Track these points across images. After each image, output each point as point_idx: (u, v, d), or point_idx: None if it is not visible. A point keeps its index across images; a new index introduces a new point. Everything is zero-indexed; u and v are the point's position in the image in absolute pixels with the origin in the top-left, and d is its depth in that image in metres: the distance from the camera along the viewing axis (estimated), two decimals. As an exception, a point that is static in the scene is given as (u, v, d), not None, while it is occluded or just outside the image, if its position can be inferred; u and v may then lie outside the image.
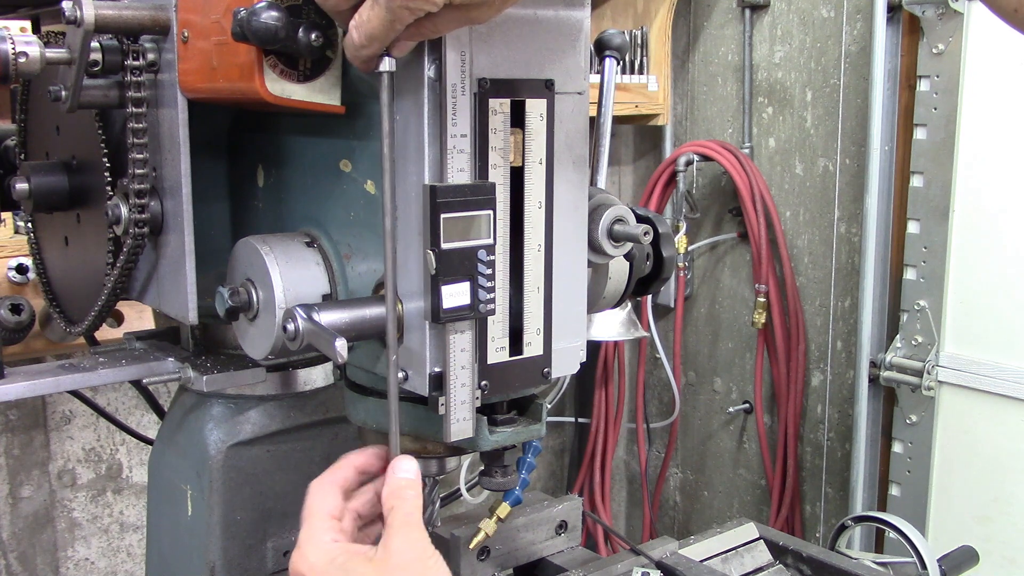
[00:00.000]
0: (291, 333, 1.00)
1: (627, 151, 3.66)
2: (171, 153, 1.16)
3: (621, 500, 3.89)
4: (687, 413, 3.58)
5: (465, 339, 1.00)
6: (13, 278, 2.12)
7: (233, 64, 1.01)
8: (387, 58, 0.92)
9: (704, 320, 3.48)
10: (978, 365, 2.63)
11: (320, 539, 0.98)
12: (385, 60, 0.92)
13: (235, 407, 1.35)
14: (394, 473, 1.00)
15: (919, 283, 2.73)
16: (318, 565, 0.96)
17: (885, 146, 2.76)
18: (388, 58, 0.92)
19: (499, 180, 1.01)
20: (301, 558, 0.97)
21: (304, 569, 0.96)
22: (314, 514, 1.00)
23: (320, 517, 1.00)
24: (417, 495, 0.99)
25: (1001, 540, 2.62)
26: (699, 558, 1.43)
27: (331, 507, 1.01)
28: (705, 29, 3.33)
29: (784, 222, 3.14)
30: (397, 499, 0.98)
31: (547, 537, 1.45)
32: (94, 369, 1.30)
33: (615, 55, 1.27)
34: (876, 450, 2.92)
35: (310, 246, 1.14)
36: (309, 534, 0.99)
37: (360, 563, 0.95)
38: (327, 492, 1.02)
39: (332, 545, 0.98)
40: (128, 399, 2.65)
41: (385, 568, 0.94)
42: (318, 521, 1.00)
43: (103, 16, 1.08)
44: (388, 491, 0.99)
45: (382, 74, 0.93)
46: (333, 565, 0.95)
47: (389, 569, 0.94)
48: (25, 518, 2.57)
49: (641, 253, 1.23)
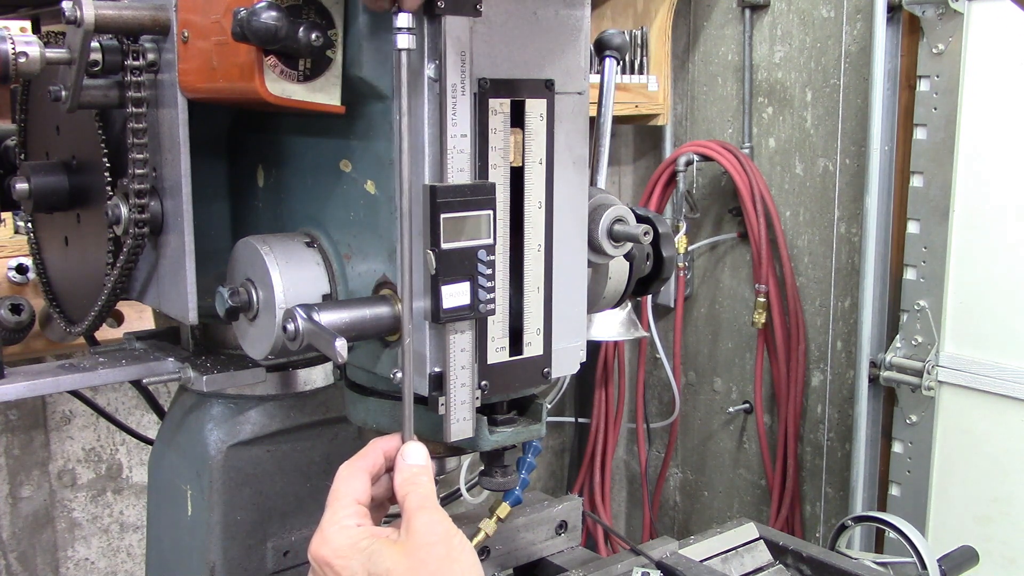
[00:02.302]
0: (291, 333, 1.00)
1: (627, 151, 3.66)
2: (171, 153, 1.16)
3: (621, 500, 3.89)
4: (687, 413, 3.58)
5: (465, 339, 1.00)
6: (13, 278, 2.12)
7: (233, 64, 1.01)
8: (407, 35, 0.91)
9: (704, 320, 3.48)
10: (978, 365, 2.63)
11: (344, 523, 0.96)
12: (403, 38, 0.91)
13: (235, 407, 1.35)
14: (404, 460, 0.99)
15: (919, 283, 2.73)
16: (341, 549, 0.94)
17: (885, 146, 2.76)
18: (408, 35, 0.91)
19: (499, 180, 1.01)
20: (323, 542, 0.95)
21: (326, 553, 0.95)
22: (340, 498, 0.98)
23: (346, 502, 0.98)
24: (430, 480, 0.99)
25: (1001, 540, 2.62)
26: (699, 558, 1.43)
27: (359, 492, 0.99)
28: (705, 29, 3.33)
29: (784, 222, 3.14)
30: (411, 485, 0.97)
31: (547, 537, 1.45)
32: (94, 369, 1.30)
33: (615, 55, 1.27)
34: (876, 450, 2.92)
35: (310, 246, 1.14)
36: (333, 518, 0.97)
37: (384, 546, 0.93)
38: (357, 477, 1.00)
39: (356, 529, 0.96)
40: (128, 399, 2.65)
41: (411, 550, 0.93)
42: (343, 506, 0.98)
43: (103, 16, 1.08)
44: (401, 479, 0.98)
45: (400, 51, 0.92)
46: (356, 549, 0.94)
47: (415, 550, 0.93)
48: (25, 518, 2.57)
49: (641, 253, 1.23)
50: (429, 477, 0.99)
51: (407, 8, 0.91)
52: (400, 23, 0.91)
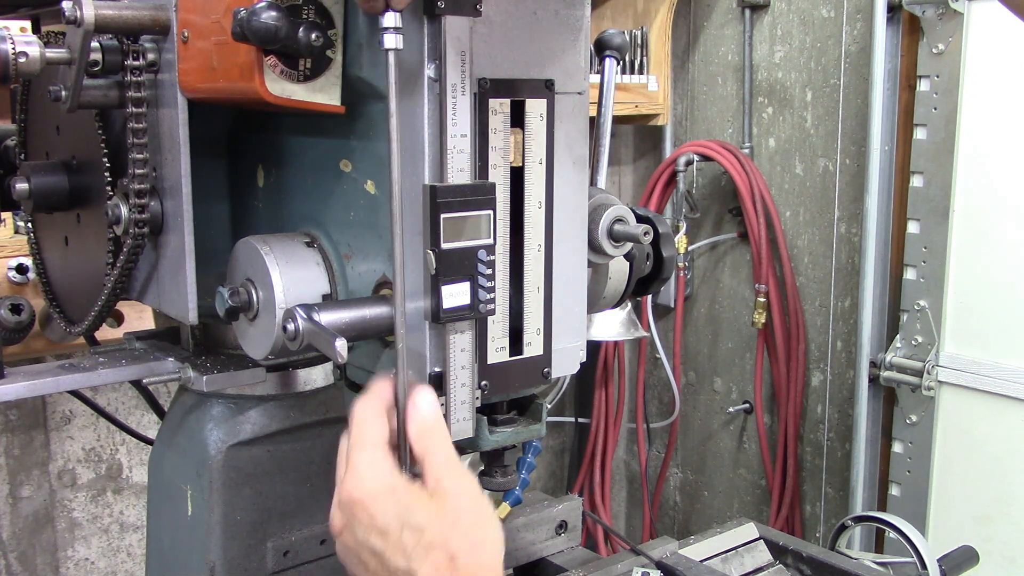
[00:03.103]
0: (291, 333, 1.00)
1: (627, 151, 3.66)
2: (171, 153, 1.16)
3: (621, 500, 3.89)
4: (687, 413, 3.58)
5: (465, 339, 1.00)
6: (13, 278, 2.12)
7: (233, 64, 1.01)
8: (394, 35, 0.90)
9: (704, 320, 3.48)
10: (978, 365, 2.62)
11: (380, 466, 0.93)
12: (391, 37, 0.91)
13: (235, 407, 1.35)
14: (417, 410, 0.96)
15: (919, 283, 2.73)
16: (378, 492, 0.92)
17: (885, 146, 2.76)
18: (395, 35, 0.90)
19: (499, 180, 1.01)
20: (357, 483, 0.92)
21: (361, 495, 0.92)
22: (369, 440, 0.94)
23: (378, 443, 0.94)
24: (447, 434, 0.96)
25: (1001, 540, 2.62)
26: (699, 558, 1.43)
27: (385, 435, 0.95)
28: (705, 29, 3.33)
29: (784, 222, 3.14)
30: (429, 440, 0.95)
31: (547, 537, 1.45)
32: (94, 369, 1.30)
33: (615, 55, 1.27)
34: (876, 450, 2.92)
35: (310, 246, 1.14)
36: (367, 459, 0.93)
37: (419, 500, 0.91)
38: (379, 418, 0.96)
39: (392, 476, 0.93)
40: (128, 399, 2.65)
41: (446, 510, 0.91)
42: (375, 447, 0.94)
43: (103, 16, 1.08)
44: (417, 430, 0.95)
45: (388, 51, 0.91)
46: (393, 496, 0.92)
47: (450, 511, 0.91)
48: (25, 518, 2.57)
49: (641, 253, 1.23)
50: (445, 432, 0.96)
51: (395, 7, 0.90)
52: (387, 23, 0.90)
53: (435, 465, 0.94)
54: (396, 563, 0.91)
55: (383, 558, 0.91)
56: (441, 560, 0.90)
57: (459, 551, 0.90)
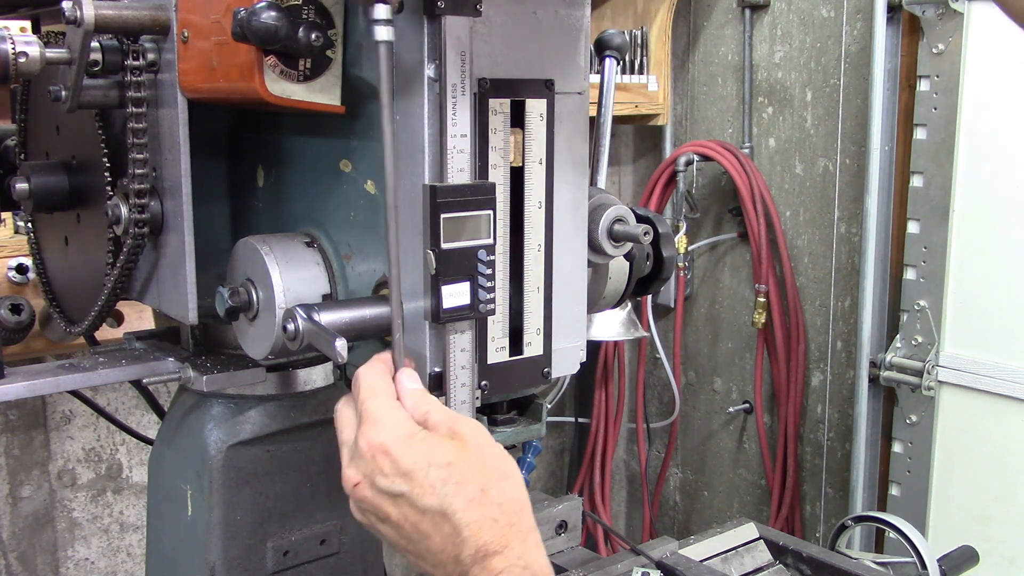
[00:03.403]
0: (291, 333, 1.00)
1: (627, 151, 3.66)
2: (171, 153, 1.16)
3: (621, 500, 3.89)
4: (687, 413, 3.58)
5: (465, 339, 1.00)
6: (13, 278, 2.12)
7: (233, 64, 1.01)
8: (385, 28, 0.90)
9: (704, 320, 3.48)
10: (978, 365, 2.62)
11: (397, 415, 0.94)
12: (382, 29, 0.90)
13: (235, 407, 1.35)
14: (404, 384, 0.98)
15: (919, 283, 2.73)
16: (401, 436, 0.92)
17: (885, 146, 2.76)
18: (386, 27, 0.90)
19: (499, 180, 1.01)
20: (378, 431, 0.93)
21: (386, 439, 0.92)
22: (382, 391, 0.96)
23: (388, 396, 0.96)
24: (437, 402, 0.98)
25: (1001, 540, 2.62)
26: (699, 558, 1.43)
27: (394, 390, 0.97)
28: (705, 29, 3.33)
29: (784, 222, 3.14)
30: (426, 404, 0.96)
31: (547, 537, 1.45)
32: (94, 369, 1.30)
33: (615, 55, 1.27)
34: (876, 450, 2.92)
35: (310, 246, 1.14)
36: (385, 406, 0.94)
37: (441, 441, 0.92)
38: (387, 375, 0.98)
39: (411, 421, 0.94)
40: (128, 399, 2.65)
41: (470, 446, 0.92)
42: (389, 396, 0.96)
43: (103, 16, 1.08)
44: (412, 400, 0.96)
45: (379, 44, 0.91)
46: (416, 439, 0.92)
47: (473, 447, 0.92)
48: (25, 518, 2.57)
49: (641, 253, 1.23)
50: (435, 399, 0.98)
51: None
52: (378, 14, 0.89)
53: (443, 416, 0.95)
54: (426, 503, 0.90)
55: (410, 500, 0.91)
56: (474, 492, 0.89)
57: (489, 483, 0.90)
